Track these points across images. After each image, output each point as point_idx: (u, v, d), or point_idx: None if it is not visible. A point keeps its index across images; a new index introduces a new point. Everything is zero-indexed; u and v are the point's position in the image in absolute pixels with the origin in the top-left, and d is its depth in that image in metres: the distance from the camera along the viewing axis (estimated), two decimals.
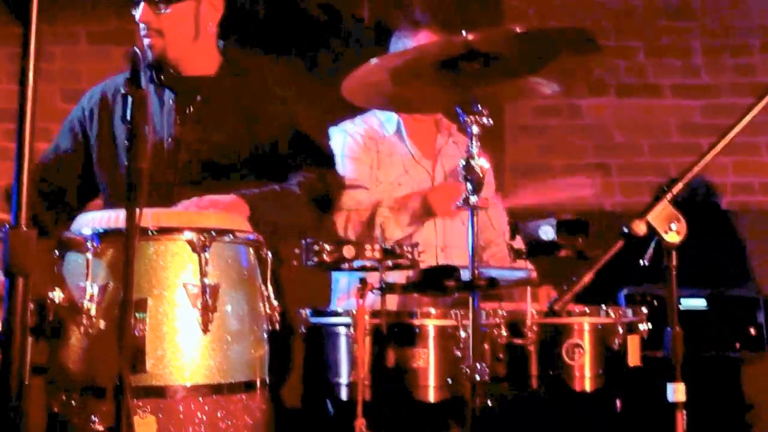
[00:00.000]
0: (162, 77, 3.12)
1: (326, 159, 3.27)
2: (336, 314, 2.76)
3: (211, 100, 3.13)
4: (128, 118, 2.17)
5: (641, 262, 2.30)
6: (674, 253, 2.29)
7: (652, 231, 2.28)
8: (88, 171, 3.18)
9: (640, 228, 2.28)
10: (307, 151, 3.17)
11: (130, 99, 2.17)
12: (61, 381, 2.35)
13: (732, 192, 5.23)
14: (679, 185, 2.31)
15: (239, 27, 3.27)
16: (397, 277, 2.78)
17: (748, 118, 2.33)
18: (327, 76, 2.74)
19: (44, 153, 3.22)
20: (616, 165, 5.30)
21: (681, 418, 2.28)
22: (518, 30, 2.54)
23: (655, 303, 3.62)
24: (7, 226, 1.81)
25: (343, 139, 3.61)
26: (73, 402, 2.32)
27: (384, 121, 3.66)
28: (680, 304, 2.37)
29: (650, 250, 2.31)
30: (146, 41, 3.06)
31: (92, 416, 2.27)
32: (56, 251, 2.44)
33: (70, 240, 2.42)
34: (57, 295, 2.33)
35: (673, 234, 2.27)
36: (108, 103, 3.17)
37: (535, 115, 5.31)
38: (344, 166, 3.51)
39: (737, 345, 4.11)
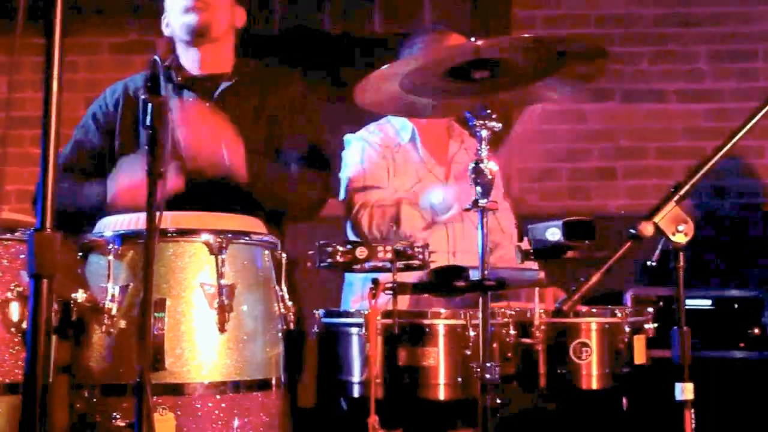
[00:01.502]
0: (180, 77, 3.22)
1: (330, 167, 3.36)
2: (349, 314, 2.80)
3: (230, 100, 3.21)
4: (148, 124, 2.23)
5: (649, 263, 2.35)
6: (681, 254, 2.34)
7: (659, 232, 2.33)
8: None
9: (647, 229, 2.32)
10: (318, 159, 3.25)
11: (150, 106, 2.23)
12: (84, 379, 2.40)
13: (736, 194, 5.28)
14: (686, 187, 2.35)
15: (255, 45, 3.37)
16: (409, 277, 2.82)
17: (753, 121, 2.38)
18: (341, 88, 2.78)
19: (63, 153, 3.25)
20: (621, 168, 5.36)
21: (689, 417, 2.32)
22: (527, 36, 2.59)
23: (661, 303, 3.67)
24: (32, 229, 1.86)
25: (362, 146, 3.65)
26: (95, 399, 2.37)
27: (399, 129, 3.70)
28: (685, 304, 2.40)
29: (657, 252, 2.36)
30: (189, 16, 3.18)
31: (114, 413, 2.32)
32: (79, 253, 2.50)
33: (93, 242, 2.49)
34: (80, 295, 2.38)
35: (681, 235, 2.32)
36: (131, 99, 3.25)
37: (541, 120, 5.34)
38: (364, 169, 3.57)
39: (741, 345, 4.16)
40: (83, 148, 3.26)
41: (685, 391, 2.30)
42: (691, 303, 4.16)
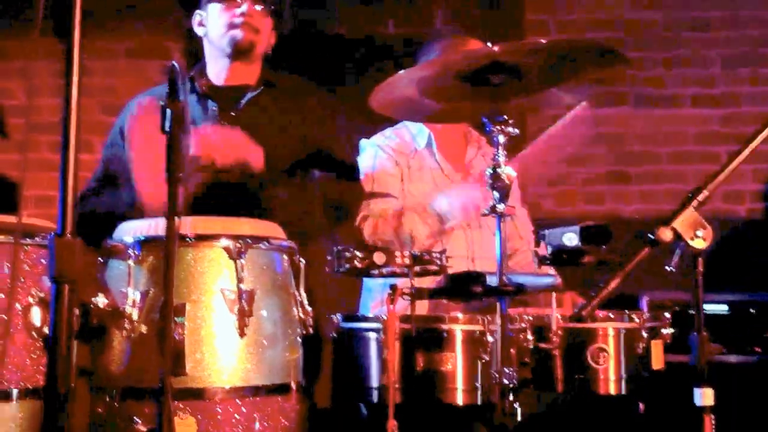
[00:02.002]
0: (204, 87, 3.24)
1: (350, 172, 3.37)
2: (367, 319, 2.81)
3: (254, 111, 3.24)
4: (167, 129, 2.24)
5: (668, 268, 2.35)
6: (700, 259, 2.34)
7: (678, 237, 2.33)
8: None
9: (666, 234, 2.33)
10: (333, 165, 3.26)
11: (168, 111, 2.24)
12: (104, 383, 2.42)
13: (751, 199, 5.28)
14: (705, 192, 2.36)
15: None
16: (426, 283, 2.83)
17: None
18: (356, 95, 2.80)
19: (95, 176, 3.30)
20: (635, 173, 5.37)
21: (709, 423, 2.32)
22: (543, 41, 2.60)
23: (677, 308, 3.67)
24: (53, 234, 1.87)
25: (375, 152, 3.66)
26: (115, 404, 2.39)
27: (416, 135, 3.71)
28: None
29: (676, 257, 2.36)
30: (237, 32, 3.23)
31: (134, 417, 2.34)
32: (100, 258, 2.52)
33: (113, 248, 2.50)
34: (101, 300, 2.40)
35: (699, 240, 2.32)
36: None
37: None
38: (374, 178, 3.57)
39: (757, 349, 4.16)
40: (113, 164, 3.28)
41: (704, 396, 2.30)
42: (707, 308, 4.16)
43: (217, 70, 3.33)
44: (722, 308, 4.23)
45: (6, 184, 5.18)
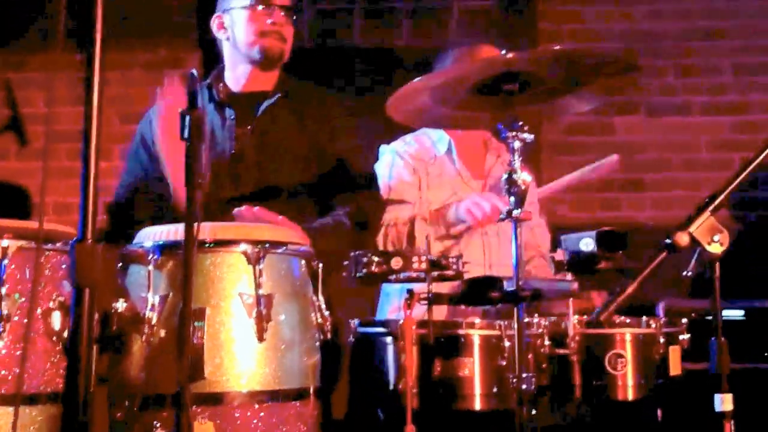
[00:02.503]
0: (222, 94, 3.25)
1: (368, 182, 3.39)
2: (384, 324, 2.81)
3: (272, 118, 3.25)
4: (186, 136, 2.26)
5: (685, 273, 2.36)
6: (717, 264, 2.35)
7: (695, 243, 2.34)
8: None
9: (683, 239, 2.34)
10: (350, 175, 3.28)
11: (187, 118, 2.25)
12: (124, 389, 2.42)
13: (765, 207, 5.28)
14: (721, 198, 2.37)
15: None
16: (443, 288, 2.84)
17: None
18: (374, 103, 2.82)
19: (121, 183, 3.31)
20: (648, 180, 5.38)
21: (729, 429, 2.32)
22: (558, 49, 2.62)
23: (693, 315, 3.66)
24: (74, 240, 1.88)
25: (392, 160, 3.67)
26: (135, 408, 2.39)
27: (436, 141, 3.71)
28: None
29: (693, 262, 2.37)
30: (268, 41, 3.26)
31: (154, 422, 2.35)
32: (119, 263, 2.53)
33: (133, 253, 2.51)
34: (120, 305, 2.41)
35: (716, 245, 2.33)
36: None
37: (569, 132, 5.39)
38: (390, 186, 3.58)
39: None
40: (137, 172, 3.29)
41: (724, 402, 2.31)
42: (724, 314, 4.15)
43: (237, 75, 3.34)
44: (738, 314, 4.23)
45: (23, 192, 5.23)
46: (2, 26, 5.35)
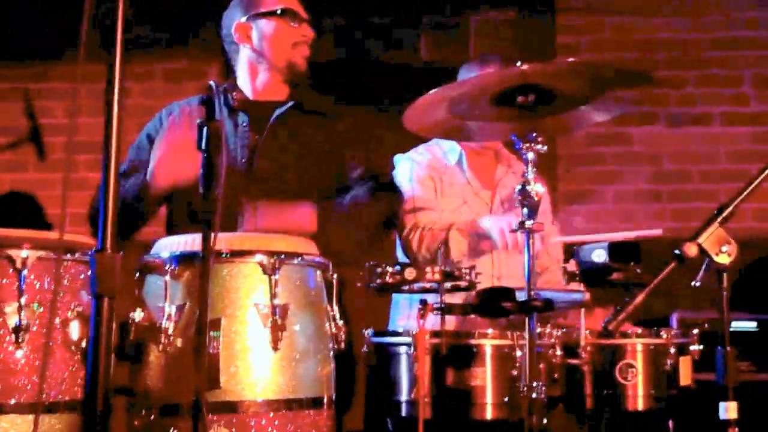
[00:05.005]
0: (237, 101, 3.30)
1: (388, 186, 3.41)
2: (397, 334, 2.85)
3: (285, 125, 3.29)
4: (203, 147, 2.29)
5: (693, 283, 2.38)
6: (725, 275, 2.37)
7: (703, 253, 2.37)
8: None
9: (691, 250, 2.36)
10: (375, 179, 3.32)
11: (205, 129, 2.30)
12: (141, 398, 2.45)
13: None
14: (730, 209, 2.39)
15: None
16: (456, 298, 2.87)
17: None
18: (391, 116, 2.85)
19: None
20: (666, 191, 5.39)
21: None
22: (571, 61, 2.64)
23: (706, 326, 3.68)
24: (94, 250, 1.91)
25: (410, 166, 3.70)
26: (152, 417, 2.43)
27: (447, 151, 3.75)
28: (730, 326, 2.43)
29: (701, 272, 2.39)
30: (299, 58, 3.33)
31: (171, 430, 2.38)
32: (137, 274, 2.57)
33: (150, 263, 2.55)
34: (138, 315, 2.45)
35: (724, 256, 2.36)
36: (185, 117, 3.31)
37: (587, 143, 5.41)
38: (413, 190, 3.61)
39: None
40: (136, 168, 3.29)
41: (729, 410, 2.33)
42: (737, 325, 4.17)
43: (256, 83, 3.37)
44: (751, 325, 4.23)
45: (42, 202, 5.29)
46: (26, 37, 5.42)
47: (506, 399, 2.71)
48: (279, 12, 3.31)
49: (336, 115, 3.42)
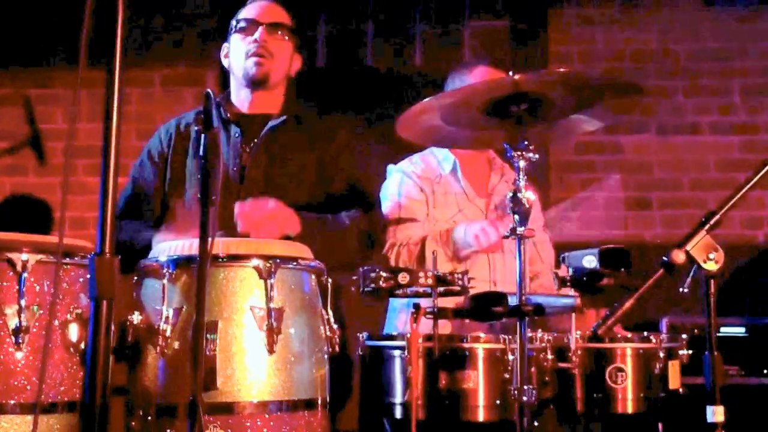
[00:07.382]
0: (228, 114, 3.33)
1: (375, 202, 3.46)
2: (391, 338, 2.89)
3: (277, 139, 3.31)
4: (201, 155, 2.33)
5: (681, 289, 2.42)
6: (713, 281, 2.41)
7: (691, 260, 2.41)
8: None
9: (679, 257, 2.40)
10: (357, 196, 3.36)
11: (203, 137, 2.33)
12: (139, 399, 2.49)
13: None
14: (717, 217, 2.43)
15: (298, 80, 3.51)
16: (449, 302, 2.90)
17: None
18: (384, 125, 2.89)
19: (124, 194, 3.36)
20: (656, 199, 5.44)
21: None
22: (563, 70, 2.69)
23: (696, 331, 3.72)
24: (93, 254, 1.94)
25: (400, 179, 3.74)
26: (149, 418, 2.46)
27: (441, 160, 3.78)
28: (719, 331, 2.47)
29: (689, 279, 2.43)
30: (254, 60, 3.31)
31: (168, 431, 2.42)
32: (135, 277, 2.60)
33: (148, 267, 2.58)
34: (136, 317, 2.49)
35: (711, 263, 2.39)
36: (182, 134, 3.36)
37: (578, 151, 5.46)
38: (401, 205, 3.65)
39: None
40: (140, 187, 3.36)
41: (716, 413, 2.36)
42: (726, 330, 4.21)
43: (241, 98, 3.41)
44: (740, 330, 4.28)
45: (42, 206, 5.32)
46: (27, 43, 5.45)
47: (498, 402, 2.75)
48: (237, 27, 3.37)
49: (328, 129, 3.45)
